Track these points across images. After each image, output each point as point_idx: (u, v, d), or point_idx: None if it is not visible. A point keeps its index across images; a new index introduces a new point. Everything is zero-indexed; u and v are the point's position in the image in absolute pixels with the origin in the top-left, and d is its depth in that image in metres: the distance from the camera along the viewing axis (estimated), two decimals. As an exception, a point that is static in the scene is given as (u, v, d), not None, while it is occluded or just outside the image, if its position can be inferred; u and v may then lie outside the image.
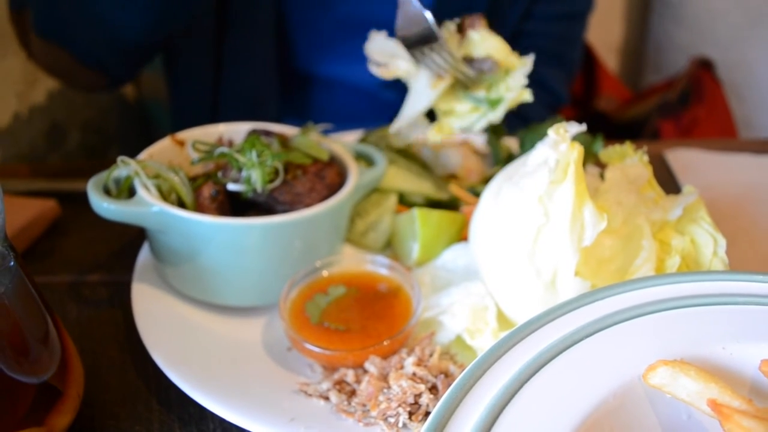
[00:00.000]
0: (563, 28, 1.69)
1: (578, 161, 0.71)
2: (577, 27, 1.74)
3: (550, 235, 0.72)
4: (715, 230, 0.82)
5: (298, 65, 1.61)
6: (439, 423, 0.53)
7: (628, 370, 0.60)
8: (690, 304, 0.67)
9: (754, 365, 0.62)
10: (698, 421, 0.59)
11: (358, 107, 1.16)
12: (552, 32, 1.69)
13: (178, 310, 0.86)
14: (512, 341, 0.61)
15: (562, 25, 1.71)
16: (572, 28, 1.73)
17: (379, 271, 0.86)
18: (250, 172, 0.83)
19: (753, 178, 1.27)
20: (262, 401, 0.72)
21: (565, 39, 1.71)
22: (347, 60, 1.55)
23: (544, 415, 0.55)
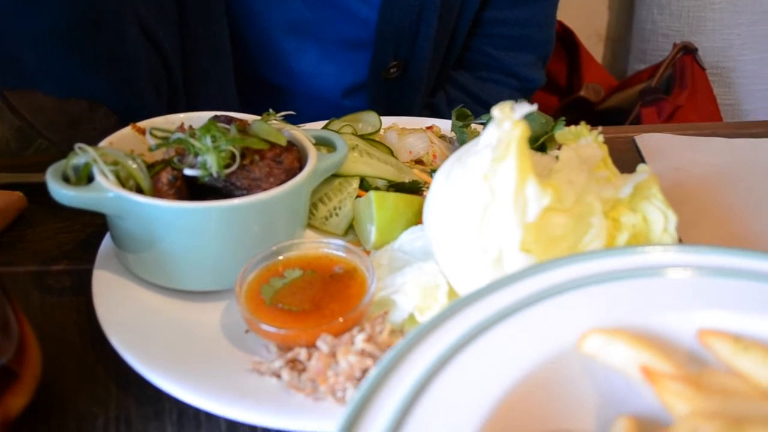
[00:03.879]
0: (527, 11, 1.70)
1: (521, 139, 0.72)
2: (542, 8, 1.74)
3: (495, 212, 0.73)
4: (666, 207, 0.83)
5: (258, 75, 1.62)
6: (370, 392, 0.54)
7: (562, 340, 0.61)
8: (628, 276, 0.67)
9: (692, 334, 0.63)
10: (636, 390, 0.60)
11: (321, 115, 1.18)
12: (515, 18, 1.69)
13: (138, 295, 0.87)
14: (449, 314, 0.62)
15: (524, 9, 1.71)
16: (537, 10, 1.73)
17: (336, 253, 0.86)
18: (205, 157, 0.84)
19: (722, 160, 1.28)
20: (215, 380, 0.73)
21: (531, 22, 1.72)
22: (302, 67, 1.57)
23: (473, 383, 0.56)
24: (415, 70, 1.62)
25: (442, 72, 1.76)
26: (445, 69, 1.76)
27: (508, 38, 1.75)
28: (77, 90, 1.23)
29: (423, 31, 1.56)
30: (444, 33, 1.65)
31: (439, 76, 1.75)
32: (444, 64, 1.74)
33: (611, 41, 3.03)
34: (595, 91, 2.46)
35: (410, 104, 1.67)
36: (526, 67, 1.80)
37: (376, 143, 1.10)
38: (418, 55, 1.60)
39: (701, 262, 0.69)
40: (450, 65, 1.77)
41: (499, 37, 1.75)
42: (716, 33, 2.64)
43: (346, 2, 1.54)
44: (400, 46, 1.58)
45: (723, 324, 0.63)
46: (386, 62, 1.59)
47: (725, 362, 0.60)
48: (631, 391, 0.61)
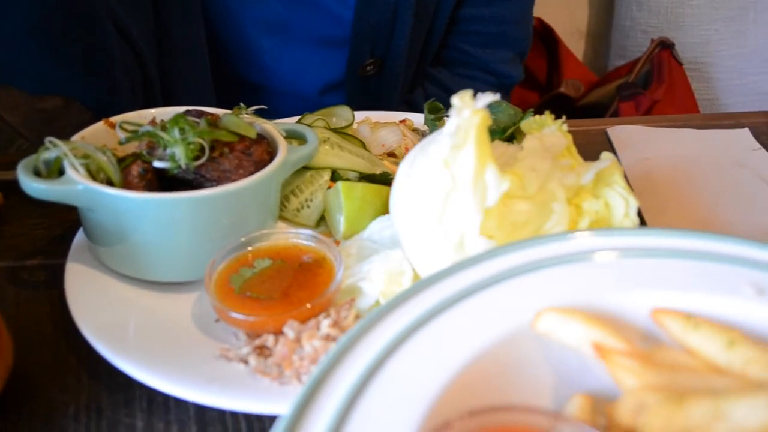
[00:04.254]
0: (503, 9, 1.71)
1: (480, 126, 0.73)
2: (518, 5, 1.76)
3: (457, 198, 0.75)
4: (627, 193, 0.85)
5: (236, 73, 1.63)
6: (326, 371, 0.56)
7: (518, 320, 0.63)
8: (585, 258, 0.69)
9: (645, 314, 0.65)
10: (591, 368, 0.61)
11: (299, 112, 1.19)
12: (491, 15, 1.71)
13: (110, 286, 0.88)
14: (407, 296, 0.64)
15: (500, 6, 1.73)
16: (513, 7, 1.75)
17: (305, 243, 0.88)
18: (173, 149, 0.85)
19: (691, 150, 1.30)
20: (183, 367, 0.75)
21: (507, 19, 1.74)
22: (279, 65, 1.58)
23: (428, 360, 0.58)
24: (391, 67, 1.64)
25: (420, 69, 1.77)
26: (422, 66, 1.78)
27: (484, 35, 1.77)
28: (51, 86, 1.24)
29: (399, 28, 1.58)
30: (420, 30, 1.66)
31: (417, 73, 1.77)
32: (421, 61, 1.76)
33: (592, 38, 3.06)
34: (575, 87, 2.48)
35: (388, 101, 1.68)
36: (504, 63, 1.82)
37: (349, 136, 1.12)
38: (395, 53, 1.62)
39: (656, 245, 0.71)
40: (428, 62, 1.79)
41: (475, 34, 1.77)
42: (694, 29, 2.67)
43: (322, 1, 1.55)
44: (377, 44, 1.59)
45: (676, 303, 0.65)
46: (363, 60, 1.60)
47: (677, 339, 0.62)
48: (587, 370, 0.62)
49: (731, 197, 1.15)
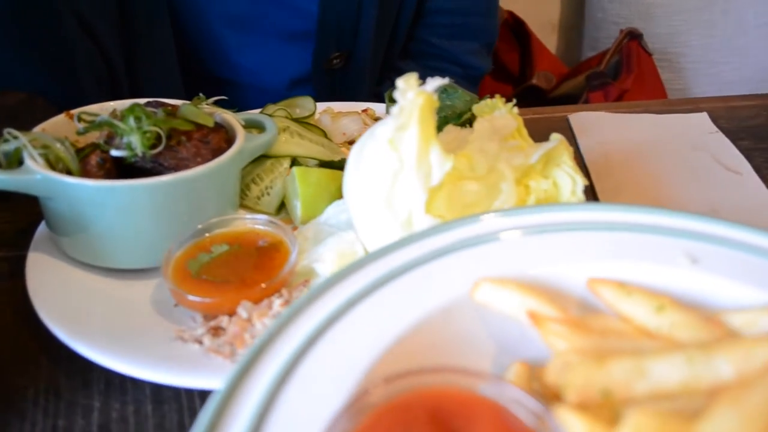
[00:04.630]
0: (468, 1, 1.74)
1: (423, 107, 0.75)
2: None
3: (404, 178, 0.77)
4: (575, 172, 0.87)
5: (204, 69, 1.64)
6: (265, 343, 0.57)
7: (457, 290, 0.65)
8: (526, 232, 0.71)
9: (583, 284, 0.67)
10: (530, 337, 0.63)
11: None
12: (457, 7, 1.73)
13: (71, 275, 0.89)
14: (351, 270, 0.66)
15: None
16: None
17: (261, 228, 0.90)
18: (130, 138, 0.87)
19: (648, 134, 1.32)
20: (139, 348, 0.76)
21: (473, 11, 1.76)
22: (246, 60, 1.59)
23: (369, 327, 0.59)
24: (358, 60, 1.66)
25: (387, 61, 1.79)
26: (390, 59, 1.79)
27: (451, 27, 1.79)
28: (13, 81, 1.25)
29: (364, 21, 1.60)
30: (386, 24, 1.68)
31: (385, 66, 1.79)
32: (389, 54, 1.78)
33: (564, 30, 3.09)
34: (547, 78, 2.51)
35: (356, 94, 1.70)
36: (470, 54, 1.84)
37: (310, 126, 1.14)
38: (361, 46, 1.63)
39: (596, 218, 0.73)
40: (395, 55, 1.80)
41: (442, 26, 1.79)
42: (664, 19, 2.71)
43: None
44: (342, 37, 1.61)
45: (612, 273, 0.67)
46: (329, 53, 1.62)
47: (611, 307, 0.64)
48: (526, 339, 0.64)
49: (686, 178, 1.18)
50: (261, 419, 0.51)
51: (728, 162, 1.22)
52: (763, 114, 1.46)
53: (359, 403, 0.49)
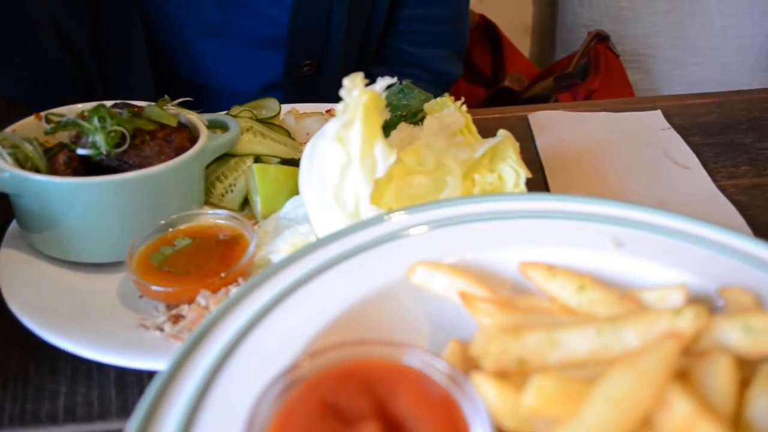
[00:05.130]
0: (439, 9, 1.78)
1: (367, 105, 0.80)
2: (454, 5, 1.83)
3: (351, 171, 0.81)
4: (519, 166, 0.92)
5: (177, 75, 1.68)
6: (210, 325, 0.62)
7: (395, 274, 0.69)
8: (464, 220, 0.76)
9: (515, 268, 0.72)
10: (464, 317, 0.67)
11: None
12: (428, 15, 1.78)
13: (40, 269, 0.93)
14: (298, 257, 0.70)
15: (437, 6, 1.80)
16: (449, 7, 1.82)
17: (222, 222, 0.94)
18: (95, 137, 0.91)
19: (602, 131, 1.37)
20: (104, 335, 0.81)
21: (443, 19, 1.81)
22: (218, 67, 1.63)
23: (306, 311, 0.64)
24: (329, 68, 1.70)
25: (359, 67, 1.84)
26: (362, 65, 1.84)
27: (422, 35, 1.84)
28: None
29: (334, 31, 1.64)
30: (356, 32, 1.73)
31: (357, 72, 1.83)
32: (360, 61, 1.83)
33: (537, 33, 3.15)
34: (519, 80, 2.56)
35: (327, 99, 1.74)
36: (441, 61, 1.89)
37: (275, 126, 1.18)
38: (331, 54, 1.68)
39: (531, 207, 0.78)
40: (367, 61, 1.85)
41: (413, 33, 1.84)
42: (633, 21, 2.76)
43: (258, 5, 1.61)
44: (313, 46, 1.65)
45: (543, 257, 0.72)
46: (299, 61, 1.66)
47: (540, 287, 0.69)
48: (461, 319, 0.68)
49: (637, 173, 1.23)
50: (201, 395, 0.55)
51: (678, 157, 1.28)
52: (716, 111, 1.52)
53: (287, 376, 0.53)
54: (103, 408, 0.77)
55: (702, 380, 0.52)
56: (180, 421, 0.53)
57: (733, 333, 0.54)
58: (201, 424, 0.53)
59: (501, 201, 0.80)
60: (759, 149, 1.34)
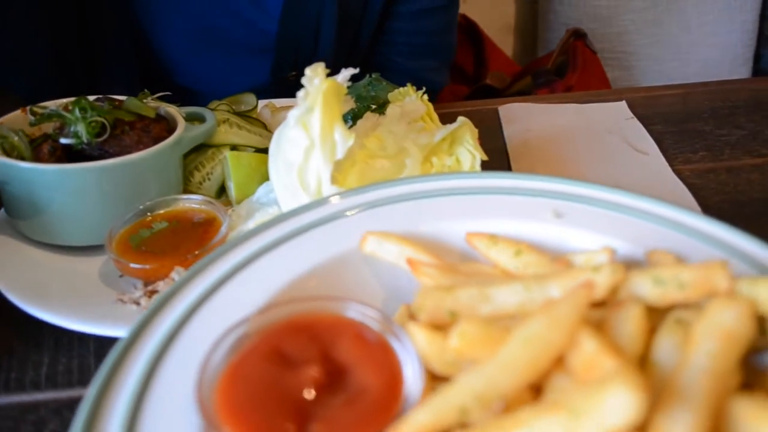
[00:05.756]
0: (428, 22, 1.82)
1: (327, 92, 0.86)
2: (443, 18, 1.87)
3: (313, 154, 0.87)
4: (475, 149, 0.98)
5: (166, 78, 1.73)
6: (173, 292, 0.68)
7: (348, 244, 0.75)
8: (419, 196, 0.82)
9: (461, 238, 0.77)
10: (416, 284, 0.73)
11: None
12: (418, 28, 1.81)
13: (26, 251, 0.99)
14: (258, 231, 0.76)
15: (426, 20, 1.83)
16: (438, 20, 1.85)
17: (197, 206, 1.00)
18: (77, 127, 0.97)
19: (568, 122, 1.44)
20: (84, 309, 0.86)
21: (433, 31, 1.84)
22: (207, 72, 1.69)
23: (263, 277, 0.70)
24: None
25: None
26: None
27: (411, 46, 1.88)
28: None
29: (322, 42, 1.69)
30: (344, 43, 1.77)
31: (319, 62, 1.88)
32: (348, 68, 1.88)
33: (520, 32, 3.22)
34: (500, 78, 2.62)
35: None
36: (430, 71, 1.93)
37: (252, 119, 1.24)
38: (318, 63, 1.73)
39: (480, 185, 0.84)
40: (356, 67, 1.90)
41: (402, 45, 1.88)
42: (612, 20, 2.84)
43: (247, 15, 1.65)
44: (300, 55, 1.69)
45: (490, 228, 0.77)
46: (286, 69, 1.71)
47: (484, 255, 0.75)
48: (413, 285, 0.74)
49: (597, 159, 1.29)
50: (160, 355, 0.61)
51: (637, 144, 1.34)
52: (679, 102, 1.58)
53: (237, 330, 0.59)
54: (82, 375, 0.83)
55: (614, 327, 0.58)
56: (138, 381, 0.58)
57: (645, 285, 0.60)
58: (159, 380, 0.59)
59: (452, 179, 0.86)
60: (717, 136, 1.41)
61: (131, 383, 0.58)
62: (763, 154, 1.33)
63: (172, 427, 0.55)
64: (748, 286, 0.56)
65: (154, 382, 0.59)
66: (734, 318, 0.53)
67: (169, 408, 0.56)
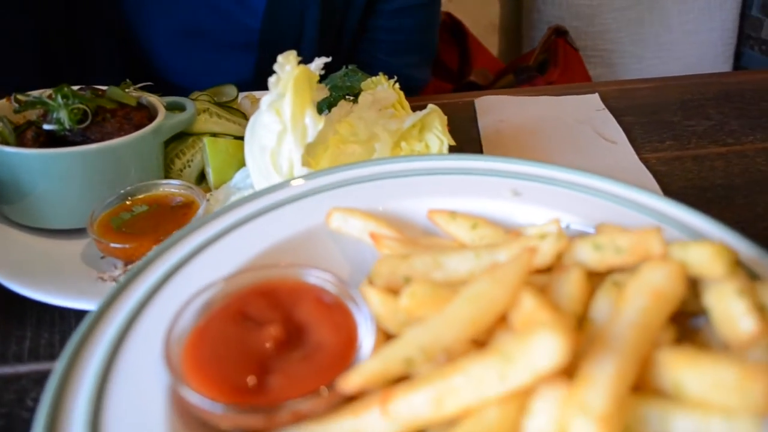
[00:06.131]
0: (411, 20, 1.86)
1: (298, 78, 0.90)
2: (424, 15, 1.91)
3: (286, 138, 0.91)
4: (443, 135, 1.02)
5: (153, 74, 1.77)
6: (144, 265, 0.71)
7: (317, 219, 0.79)
8: (385, 176, 0.86)
9: (423, 215, 0.81)
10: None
11: None
12: (399, 26, 1.85)
13: (12, 235, 1.03)
14: (231, 207, 0.80)
15: (409, 17, 1.88)
16: (421, 17, 1.90)
17: (176, 190, 1.04)
18: (59, 114, 1.01)
19: (540, 113, 1.48)
20: (65, 286, 0.90)
21: (414, 29, 1.89)
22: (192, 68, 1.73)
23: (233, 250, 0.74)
24: None
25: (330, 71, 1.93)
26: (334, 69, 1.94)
27: (394, 43, 1.92)
28: None
29: (306, 39, 1.73)
30: (328, 40, 1.81)
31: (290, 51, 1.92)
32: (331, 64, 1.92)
33: (505, 31, 3.27)
34: (484, 75, 2.67)
35: None
36: (411, 68, 1.97)
37: (232, 109, 1.28)
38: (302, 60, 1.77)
39: (444, 166, 0.88)
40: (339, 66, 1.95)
41: (385, 42, 1.92)
42: (594, 18, 2.88)
43: (231, 12, 1.69)
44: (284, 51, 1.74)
45: (451, 206, 0.81)
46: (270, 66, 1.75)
47: (444, 230, 0.79)
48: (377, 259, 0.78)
49: (566, 147, 1.33)
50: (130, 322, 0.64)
51: (606, 133, 1.38)
52: (651, 95, 1.63)
53: (204, 294, 0.63)
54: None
55: (556, 289, 0.62)
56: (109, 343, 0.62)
57: (585, 251, 0.64)
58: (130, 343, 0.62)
59: (416, 161, 0.90)
60: (685, 126, 1.45)
61: (103, 346, 0.62)
62: (728, 144, 1.38)
63: (140, 386, 0.59)
64: (680, 251, 0.60)
65: (124, 345, 0.62)
66: (664, 278, 0.57)
67: (138, 368, 0.60)
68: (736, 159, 1.32)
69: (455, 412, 0.51)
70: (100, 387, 0.58)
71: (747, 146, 1.37)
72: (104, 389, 0.58)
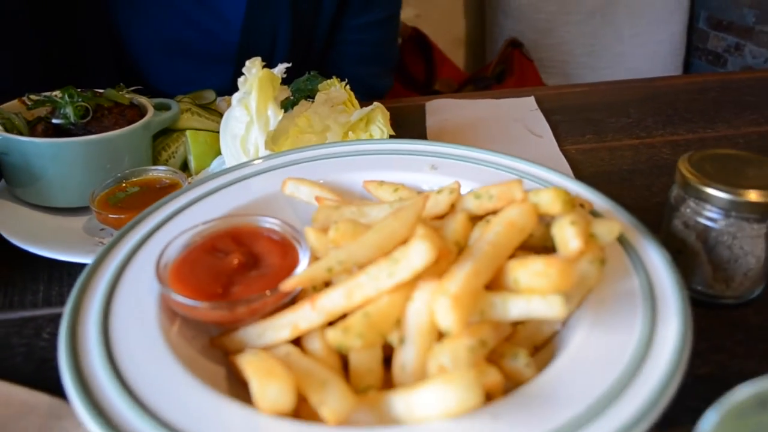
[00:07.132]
0: (375, 34, 2.08)
1: (262, 78, 1.12)
2: (388, 30, 2.14)
3: (253, 127, 1.13)
4: (384, 127, 1.24)
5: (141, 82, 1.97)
6: (131, 227, 0.92)
7: (274, 187, 1.00)
8: (326, 157, 1.07)
9: (360, 185, 1.03)
10: (325, 219, 0.98)
11: None
12: (364, 39, 2.07)
13: (24, 212, 1.23)
14: (201, 181, 1.01)
15: (373, 32, 2.10)
16: (383, 31, 2.12)
17: (162, 174, 1.25)
18: (65, 110, 1.22)
19: (480, 113, 1.70)
20: (71, 248, 1.10)
21: (378, 42, 2.11)
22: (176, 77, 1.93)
23: (208, 210, 0.95)
24: None
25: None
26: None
27: (359, 55, 2.13)
28: None
29: (278, 52, 1.95)
30: (298, 52, 2.02)
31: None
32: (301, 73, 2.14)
33: (470, 45, 3.50)
34: (448, 84, 2.90)
35: None
36: (375, 77, 2.19)
37: (211, 110, 1.49)
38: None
39: (372, 148, 1.10)
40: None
41: (350, 55, 2.13)
42: (551, 31, 3.12)
43: (210, 28, 1.91)
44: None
45: (382, 178, 1.03)
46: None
47: (374, 195, 1.00)
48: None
49: (499, 140, 1.55)
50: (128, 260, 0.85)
51: (536, 129, 1.60)
52: (582, 97, 1.85)
53: (186, 234, 0.84)
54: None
55: (445, 227, 0.83)
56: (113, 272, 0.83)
57: (469, 200, 0.86)
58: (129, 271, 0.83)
59: (355, 145, 1.12)
60: (607, 123, 1.67)
61: (109, 272, 0.83)
62: (641, 137, 1.60)
63: (138, 295, 0.80)
64: (533, 196, 0.82)
65: (126, 271, 0.84)
66: (518, 213, 0.79)
67: (137, 284, 0.81)
68: (644, 149, 1.53)
69: (361, 302, 0.72)
70: (108, 297, 0.79)
71: (657, 139, 1.59)
72: (111, 299, 0.79)
